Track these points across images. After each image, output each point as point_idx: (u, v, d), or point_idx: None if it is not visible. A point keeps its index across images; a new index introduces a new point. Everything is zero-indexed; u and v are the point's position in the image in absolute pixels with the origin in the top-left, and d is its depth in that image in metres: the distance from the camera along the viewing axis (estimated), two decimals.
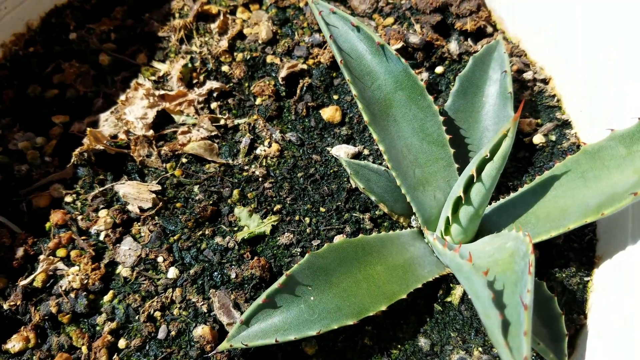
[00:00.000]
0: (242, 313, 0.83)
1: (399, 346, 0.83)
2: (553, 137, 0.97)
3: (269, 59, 1.06)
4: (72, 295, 0.86)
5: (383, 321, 0.84)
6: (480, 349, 0.81)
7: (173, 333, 0.82)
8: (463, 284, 0.71)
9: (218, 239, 0.89)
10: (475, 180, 0.79)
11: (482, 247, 0.80)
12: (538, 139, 0.97)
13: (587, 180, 0.79)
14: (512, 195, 0.88)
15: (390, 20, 1.08)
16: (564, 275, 0.86)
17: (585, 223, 0.75)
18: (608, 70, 0.88)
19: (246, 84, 1.05)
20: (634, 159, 0.75)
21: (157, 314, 0.84)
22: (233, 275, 0.86)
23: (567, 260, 0.87)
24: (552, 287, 0.85)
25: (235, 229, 0.91)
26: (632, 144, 0.76)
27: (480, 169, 0.78)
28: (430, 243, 0.87)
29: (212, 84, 1.03)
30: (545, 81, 1.00)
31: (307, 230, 0.91)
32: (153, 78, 1.06)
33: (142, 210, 0.93)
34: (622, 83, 0.86)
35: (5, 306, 0.85)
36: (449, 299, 0.86)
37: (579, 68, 0.93)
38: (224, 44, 1.07)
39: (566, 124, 0.97)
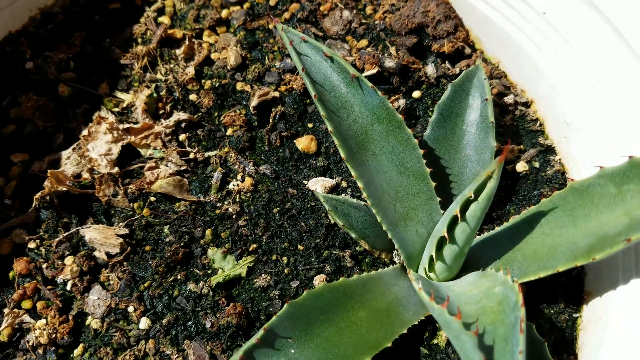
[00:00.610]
0: None
1: None
2: (537, 164, 0.93)
3: (239, 86, 0.99)
4: (40, 351, 0.80)
5: None
6: None
7: None
8: (451, 341, 0.66)
9: (191, 285, 0.83)
10: (459, 220, 0.74)
11: (468, 290, 0.76)
12: (521, 166, 0.92)
13: (576, 218, 0.75)
14: (497, 229, 0.84)
15: (364, 42, 1.02)
16: (552, 311, 0.82)
17: (575, 266, 0.71)
18: (592, 95, 0.84)
19: (216, 114, 0.98)
20: (625, 199, 0.71)
21: None
22: (208, 325, 0.80)
23: (555, 296, 0.83)
24: (541, 324, 0.81)
25: (209, 272, 0.85)
26: (623, 183, 0.72)
27: (464, 208, 0.74)
28: (417, 293, 0.82)
29: (179, 115, 0.96)
30: (527, 104, 0.96)
31: (285, 271, 0.85)
32: (116, 109, 0.98)
33: (109, 256, 0.86)
34: (608, 110, 0.82)
35: None
36: (435, 341, 0.82)
37: (561, 92, 0.88)
38: (191, 71, 0.99)
39: (550, 150, 0.93)
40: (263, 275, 0.85)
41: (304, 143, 0.94)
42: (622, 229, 0.69)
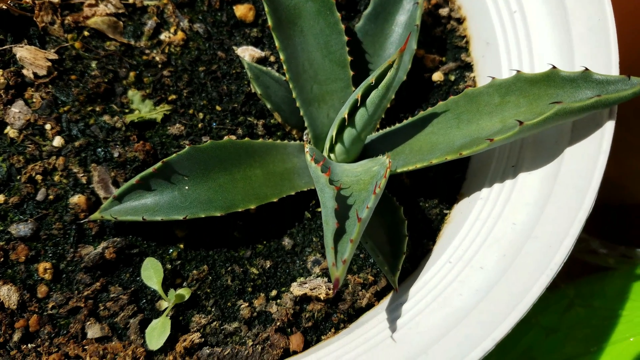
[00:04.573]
0: None
1: (265, 242, 0.94)
2: (452, 77, 1.06)
3: None
4: None
5: (255, 219, 0.95)
6: None
7: (51, 197, 0.90)
8: (318, 195, 0.81)
9: (106, 117, 0.96)
10: (359, 105, 0.87)
11: (355, 168, 0.91)
12: (437, 76, 1.05)
13: (461, 121, 0.89)
14: (396, 126, 0.98)
15: None
16: (427, 205, 0.99)
17: (445, 160, 0.85)
18: (512, 20, 0.96)
19: None
20: (504, 109, 0.85)
21: (39, 177, 0.91)
22: (116, 155, 0.93)
23: (435, 193, 1.00)
24: (415, 213, 0.98)
25: (127, 110, 0.97)
26: (506, 94, 0.85)
27: (365, 95, 0.86)
28: (305, 156, 0.96)
29: None
30: (459, 20, 1.08)
31: (199, 125, 0.99)
32: None
33: (36, 76, 0.97)
34: (520, 35, 0.95)
35: None
36: (319, 209, 0.97)
37: (490, 12, 1.00)
38: None
39: (468, 67, 1.06)
40: (177, 125, 0.98)
41: (242, 11, 1.05)
42: (493, 133, 0.83)
